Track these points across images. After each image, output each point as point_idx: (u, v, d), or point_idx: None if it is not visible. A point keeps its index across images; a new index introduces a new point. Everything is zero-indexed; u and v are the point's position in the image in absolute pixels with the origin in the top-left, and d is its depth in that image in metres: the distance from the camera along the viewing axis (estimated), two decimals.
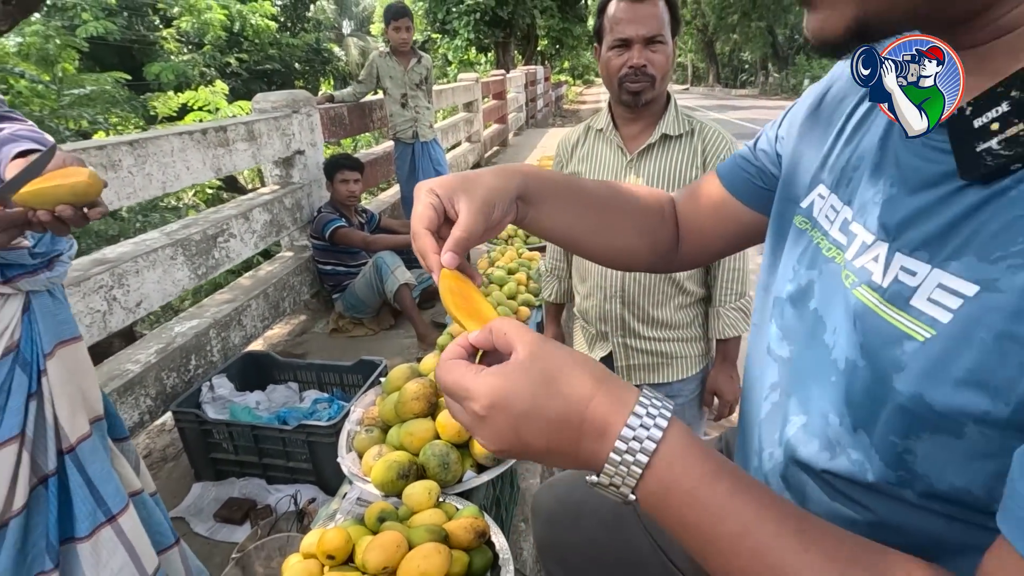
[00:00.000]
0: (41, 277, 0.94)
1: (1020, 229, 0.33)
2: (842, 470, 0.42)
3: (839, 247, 0.46)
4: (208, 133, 2.06)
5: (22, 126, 0.95)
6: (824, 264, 0.47)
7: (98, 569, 1.02)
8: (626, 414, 0.37)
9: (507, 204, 0.54)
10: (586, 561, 0.84)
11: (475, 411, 0.39)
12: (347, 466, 1.27)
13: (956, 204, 0.37)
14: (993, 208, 0.34)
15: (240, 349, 2.24)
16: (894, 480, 0.39)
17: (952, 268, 0.36)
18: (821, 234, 0.49)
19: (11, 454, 0.92)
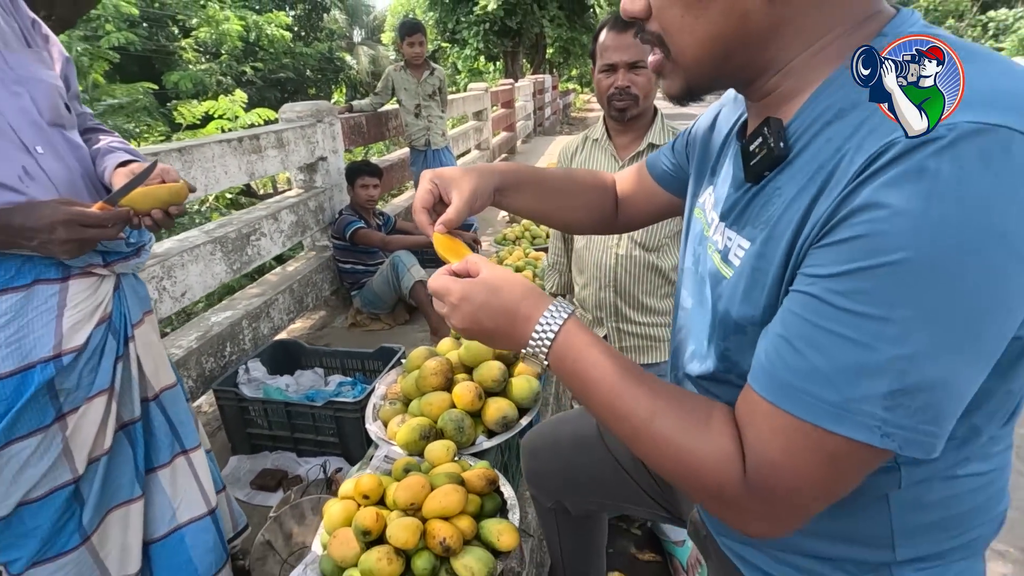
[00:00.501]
0: (131, 262, 1.15)
1: (764, 208, 0.54)
2: (704, 372, 0.63)
3: (708, 225, 0.66)
4: (244, 141, 2.26)
5: (111, 137, 1.16)
6: (705, 241, 0.67)
7: (174, 490, 1.23)
8: (543, 310, 0.59)
9: (487, 197, 0.77)
10: (564, 481, 1.05)
11: (451, 302, 0.62)
12: (374, 432, 1.45)
13: (745, 196, 0.58)
14: (757, 197, 0.56)
15: (269, 339, 2.44)
16: (723, 369, 0.60)
17: (743, 233, 0.57)
18: (703, 218, 0.69)
19: (102, 403, 1.12)
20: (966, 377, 0.44)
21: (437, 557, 1.04)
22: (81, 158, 1.07)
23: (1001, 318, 0.43)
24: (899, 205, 0.41)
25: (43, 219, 0.92)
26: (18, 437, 1.01)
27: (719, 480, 0.50)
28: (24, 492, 1.04)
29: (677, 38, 0.54)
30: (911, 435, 0.44)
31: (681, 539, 1.83)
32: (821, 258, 0.45)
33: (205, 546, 1.29)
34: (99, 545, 1.15)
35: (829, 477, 0.47)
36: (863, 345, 0.43)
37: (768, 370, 0.49)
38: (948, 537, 0.58)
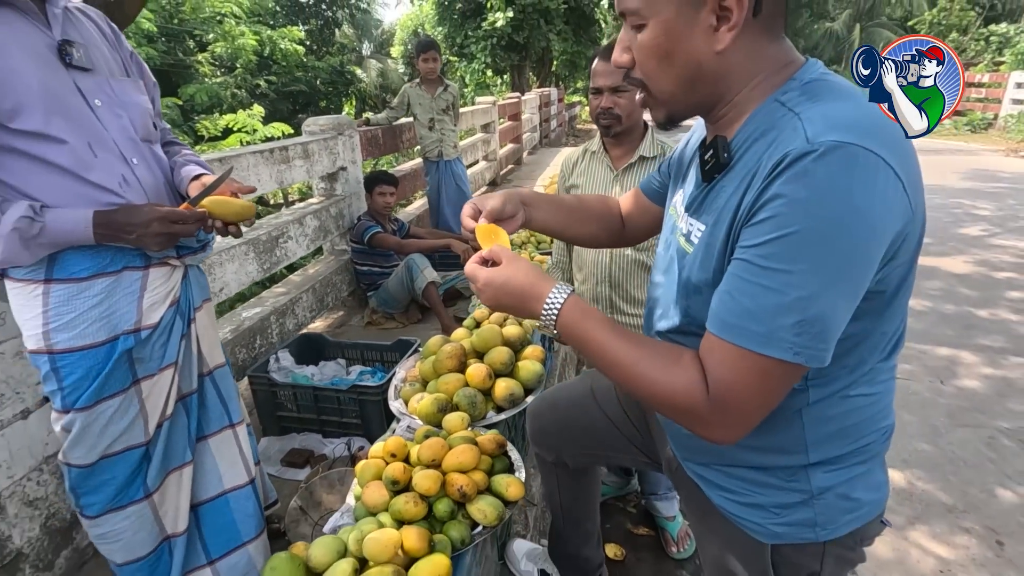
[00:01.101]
0: (198, 256, 1.35)
1: (714, 201, 0.74)
2: (671, 327, 0.83)
3: (678, 218, 0.86)
4: (274, 152, 2.48)
5: (185, 150, 1.38)
6: (674, 229, 0.87)
7: (219, 458, 1.42)
8: (548, 291, 0.79)
9: (515, 204, 0.98)
10: (562, 436, 1.25)
11: (479, 287, 0.82)
12: (397, 407, 1.65)
13: (702, 193, 0.78)
14: (710, 193, 0.75)
15: (293, 334, 2.64)
16: (686, 323, 0.80)
17: (700, 220, 0.76)
18: (675, 213, 0.88)
19: (169, 375, 1.32)
20: (843, 308, 0.64)
21: (455, 503, 1.22)
22: (164, 168, 1.28)
23: (861, 267, 0.63)
24: (792, 195, 0.61)
25: (141, 217, 1.13)
26: (105, 397, 1.21)
27: (690, 402, 0.69)
28: (107, 446, 1.23)
29: (654, 81, 0.74)
30: (812, 352, 0.64)
31: (672, 515, 2.01)
32: (748, 234, 0.65)
33: (246, 511, 1.47)
34: (159, 503, 1.34)
35: (764, 389, 0.67)
36: (776, 291, 0.63)
37: (717, 315, 0.68)
38: (846, 443, 0.77)
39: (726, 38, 0.67)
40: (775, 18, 0.70)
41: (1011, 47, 14.91)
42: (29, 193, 1.09)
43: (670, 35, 0.69)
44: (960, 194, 6.98)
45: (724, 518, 0.88)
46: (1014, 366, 3.01)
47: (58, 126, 1.07)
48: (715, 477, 0.87)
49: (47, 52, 1.07)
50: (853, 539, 0.82)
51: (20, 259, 1.10)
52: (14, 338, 1.41)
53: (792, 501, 0.80)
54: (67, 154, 1.09)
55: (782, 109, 0.68)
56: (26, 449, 1.44)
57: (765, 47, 0.70)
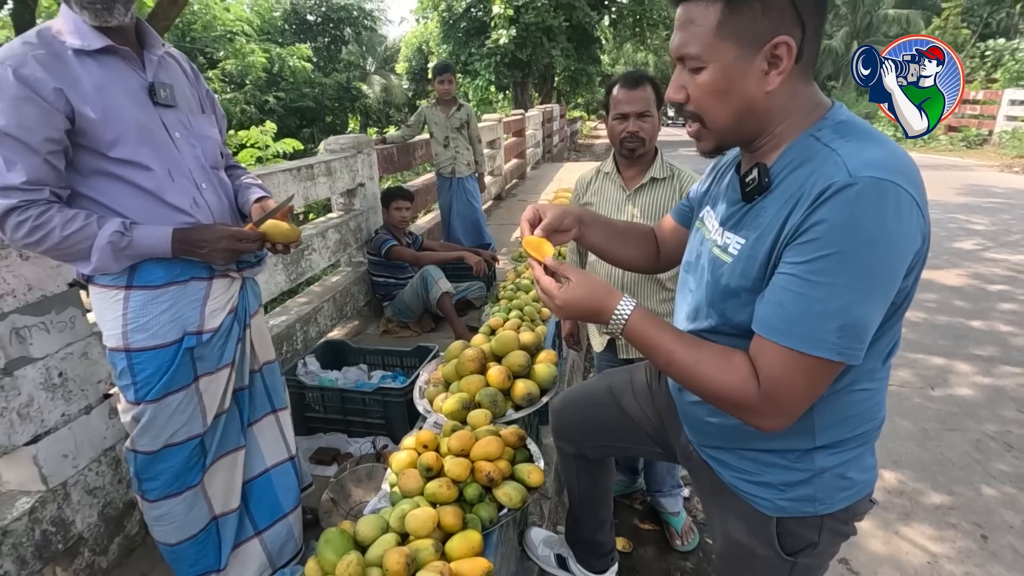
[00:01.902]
0: (255, 269, 1.51)
1: (755, 219, 0.86)
2: (707, 327, 0.96)
3: (708, 230, 0.99)
4: (302, 169, 2.65)
5: (246, 174, 1.55)
6: (703, 240, 1.00)
7: (262, 441, 1.59)
8: (617, 303, 0.92)
9: (572, 219, 1.12)
10: (584, 430, 1.39)
11: (555, 304, 0.94)
12: (423, 406, 1.78)
13: (740, 211, 0.90)
14: (750, 212, 0.88)
15: (315, 341, 2.79)
16: (721, 323, 0.93)
17: (739, 234, 0.89)
18: (703, 227, 1.02)
19: (226, 374, 1.47)
20: (876, 314, 0.77)
21: (483, 487, 1.36)
22: (227, 192, 1.45)
23: (891, 280, 0.76)
24: (836, 220, 0.73)
25: (213, 235, 1.29)
26: (172, 391, 1.36)
27: (743, 397, 0.81)
28: (170, 435, 1.38)
29: (710, 116, 0.85)
30: (851, 351, 0.76)
31: (676, 510, 2.13)
32: (794, 252, 0.77)
33: (286, 485, 1.64)
34: (207, 484, 1.48)
35: (810, 384, 0.79)
36: (822, 301, 0.74)
37: (768, 321, 0.79)
38: (846, 430, 0.91)
39: (775, 80, 0.80)
40: (810, 65, 0.83)
41: (1005, 65, 15.19)
42: (119, 211, 1.25)
43: (728, 77, 0.81)
44: (955, 209, 7.14)
45: (735, 495, 1.01)
46: (1003, 375, 3.14)
47: (145, 155, 1.24)
48: (729, 459, 1.01)
49: (141, 92, 1.24)
50: (847, 514, 0.95)
51: (109, 268, 1.26)
52: (81, 340, 1.56)
53: (797, 479, 0.93)
54: (151, 179, 1.26)
55: (818, 144, 0.80)
56: (88, 442, 1.59)
57: (802, 89, 0.83)
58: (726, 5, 0.78)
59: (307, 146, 15.62)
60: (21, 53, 1.11)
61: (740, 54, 0.79)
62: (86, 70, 1.18)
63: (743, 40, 0.79)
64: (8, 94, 1.10)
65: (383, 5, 28.07)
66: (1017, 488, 2.26)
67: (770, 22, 0.77)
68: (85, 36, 1.17)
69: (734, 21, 0.78)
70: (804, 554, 0.97)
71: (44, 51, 1.13)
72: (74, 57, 1.16)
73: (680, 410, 1.12)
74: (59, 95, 1.13)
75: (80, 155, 1.22)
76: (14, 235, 1.17)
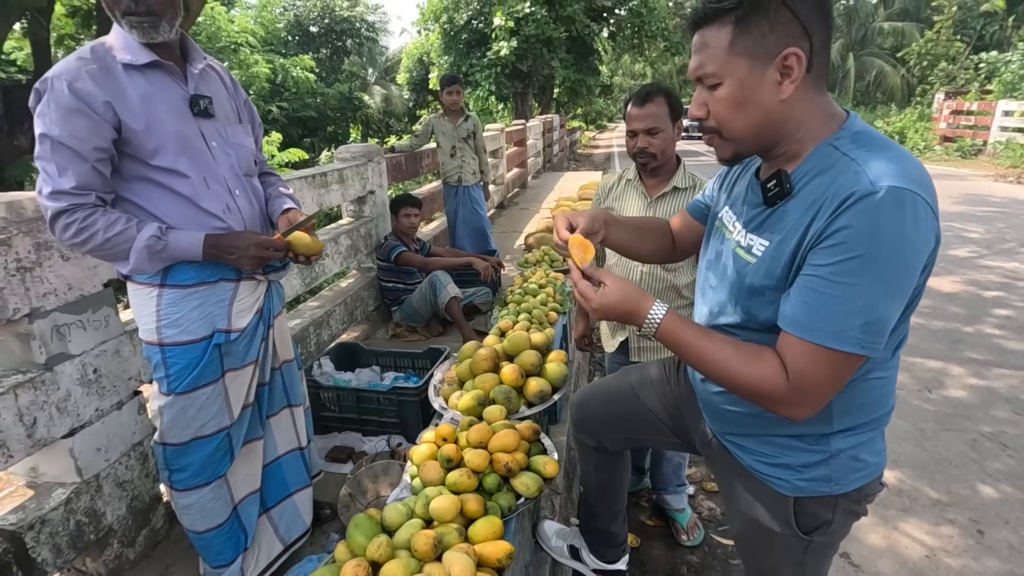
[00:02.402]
0: (280, 274, 1.59)
1: (778, 222, 0.92)
2: (732, 322, 1.02)
3: (729, 231, 1.06)
4: (316, 177, 2.74)
5: (278, 181, 1.63)
6: (724, 240, 1.07)
7: (277, 432, 1.69)
8: (651, 307, 0.98)
9: (600, 223, 1.19)
10: (604, 423, 1.46)
11: (592, 307, 1.01)
12: (439, 403, 1.85)
13: (763, 214, 0.97)
14: (772, 215, 0.95)
15: (327, 344, 2.86)
16: (746, 319, 0.99)
17: (762, 236, 0.95)
18: (723, 227, 1.09)
19: (250, 371, 1.54)
20: (895, 311, 0.84)
21: (501, 477, 1.43)
22: (259, 198, 1.53)
23: (909, 280, 0.82)
24: (858, 226, 0.79)
25: (243, 241, 1.37)
26: (201, 385, 1.43)
27: (773, 389, 0.88)
28: (199, 427, 1.45)
29: (729, 127, 0.92)
30: (874, 345, 0.82)
31: (681, 507, 2.20)
32: (819, 255, 0.83)
33: (293, 470, 1.75)
34: (230, 472, 1.55)
35: (835, 376, 0.85)
36: (847, 300, 0.80)
37: (796, 319, 0.85)
38: (860, 415, 0.98)
39: (789, 89, 0.86)
40: (821, 75, 0.89)
41: (999, 76, 15.42)
42: (157, 215, 1.33)
43: (744, 89, 0.88)
44: (951, 217, 7.26)
45: (755, 478, 1.08)
46: (997, 377, 3.22)
47: (184, 163, 1.32)
48: (751, 444, 1.08)
49: (182, 103, 1.33)
50: (859, 494, 1.02)
51: (145, 268, 1.33)
52: (115, 338, 1.63)
53: (814, 460, 1.00)
54: (188, 185, 1.34)
55: (837, 153, 0.85)
56: (119, 436, 1.65)
57: (815, 97, 0.89)
58: (735, 26, 0.86)
59: (309, 155, 15.79)
60: (75, 68, 1.20)
61: (753, 67, 0.86)
62: (132, 83, 1.26)
63: (755, 54, 0.86)
64: (62, 106, 1.18)
65: (384, 17, 28.37)
66: (1013, 486, 2.33)
67: (778, 36, 0.84)
68: (134, 51, 1.26)
69: (744, 39, 0.86)
70: (819, 532, 1.04)
71: (96, 66, 1.22)
72: (123, 71, 1.25)
73: (702, 399, 1.19)
74: (108, 107, 1.22)
75: (124, 162, 1.30)
76: (62, 235, 1.25)
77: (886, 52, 24.60)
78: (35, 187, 1.27)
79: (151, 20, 1.24)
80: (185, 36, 1.38)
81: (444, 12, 13.71)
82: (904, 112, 17.52)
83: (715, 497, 2.39)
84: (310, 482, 1.81)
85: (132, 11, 1.22)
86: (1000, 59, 16.14)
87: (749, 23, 0.85)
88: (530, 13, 12.35)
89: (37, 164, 1.22)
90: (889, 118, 17.19)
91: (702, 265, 1.16)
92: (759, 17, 0.84)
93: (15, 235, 1.36)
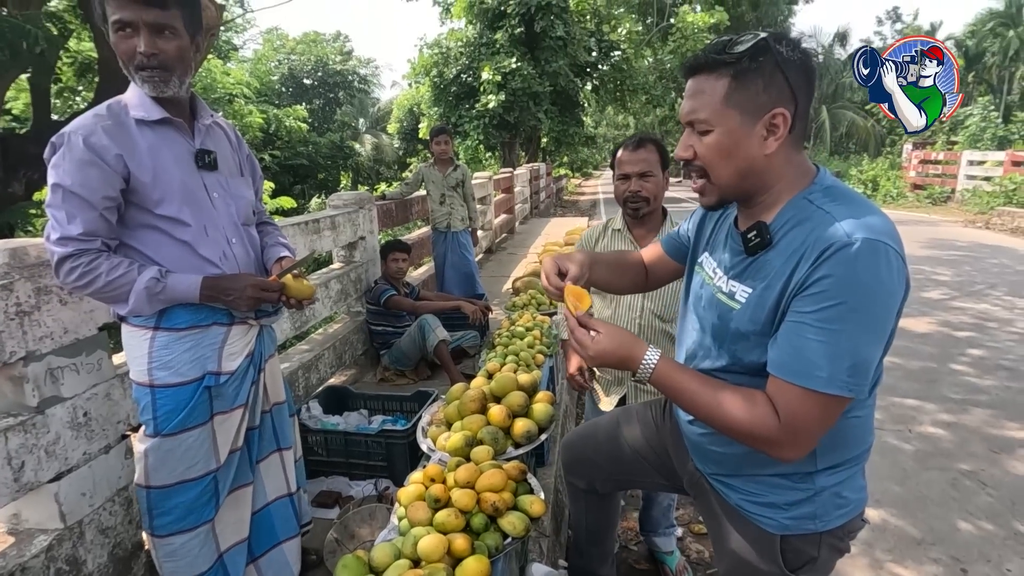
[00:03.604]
0: (272, 318, 1.64)
1: (760, 270, 0.98)
2: (718, 367, 1.06)
3: (710, 277, 1.12)
4: (308, 224, 2.82)
5: (275, 230, 1.70)
6: (704, 285, 1.13)
7: (266, 477, 1.69)
8: (644, 353, 1.02)
9: (586, 267, 1.21)
10: (594, 465, 1.49)
11: (588, 354, 1.05)
12: (427, 445, 1.87)
13: (744, 263, 1.02)
14: (753, 264, 1.01)
15: (316, 387, 2.87)
16: (732, 363, 1.04)
17: (745, 284, 1.01)
18: (703, 273, 1.15)
19: (239, 414, 1.57)
20: (877, 354, 0.88)
21: (488, 517, 1.45)
22: (255, 246, 1.60)
23: (887, 323, 0.87)
24: (838, 275, 0.84)
25: (240, 282, 1.43)
26: (188, 427, 1.45)
27: (766, 432, 0.91)
28: (184, 469, 1.46)
29: (715, 172, 0.97)
30: (860, 387, 0.86)
31: (670, 549, 2.20)
32: (803, 303, 0.87)
33: (283, 517, 1.73)
34: (217, 520, 1.55)
35: (825, 418, 0.89)
36: (833, 344, 0.85)
37: (785, 364, 0.89)
38: (842, 453, 1.03)
39: (773, 145, 0.93)
40: (800, 135, 0.97)
41: (964, 128, 16.25)
42: (157, 260, 1.39)
43: (733, 139, 0.93)
44: (923, 261, 7.51)
45: (742, 516, 1.11)
46: (973, 415, 3.30)
47: (186, 213, 1.39)
48: (738, 483, 1.11)
49: (188, 157, 1.41)
50: (842, 531, 1.06)
51: (143, 310, 1.38)
52: (106, 381, 1.65)
53: (799, 498, 1.03)
54: (189, 233, 1.41)
55: (812, 206, 0.92)
56: (105, 481, 1.65)
57: (794, 155, 0.97)
58: (733, 79, 0.91)
59: (299, 202, 16.00)
60: (92, 124, 1.28)
61: (744, 121, 0.92)
62: (143, 136, 1.35)
63: (747, 109, 0.92)
64: (76, 158, 1.26)
65: (377, 71, 29.32)
66: (993, 524, 2.37)
67: (770, 96, 0.91)
68: (147, 108, 1.35)
69: (740, 93, 0.91)
70: (805, 569, 1.07)
71: (111, 121, 1.30)
72: (135, 126, 1.34)
73: (689, 440, 1.23)
74: (119, 160, 1.29)
75: (130, 210, 1.37)
76: (66, 279, 1.30)
77: (856, 105, 25.90)
78: (27, 233, 1.33)
79: (162, 75, 1.33)
80: (195, 95, 1.47)
81: (434, 66, 14.28)
82: (876, 161, 18.28)
83: (704, 539, 2.39)
84: (299, 531, 1.79)
85: (144, 66, 1.32)
86: (962, 113, 17.07)
87: (746, 79, 0.91)
88: (516, 68, 12.91)
89: (47, 211, 1.28)
90: (862, 167, 17.90)
91: (683, 309, 1.22)
92: (756, 76, 0.91)
93: (17, 280, 1.40)
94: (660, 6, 19.67)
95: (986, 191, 12.54)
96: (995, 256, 7.88)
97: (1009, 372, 3.92)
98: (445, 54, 14.20)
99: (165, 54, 1.31)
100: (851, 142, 25.43)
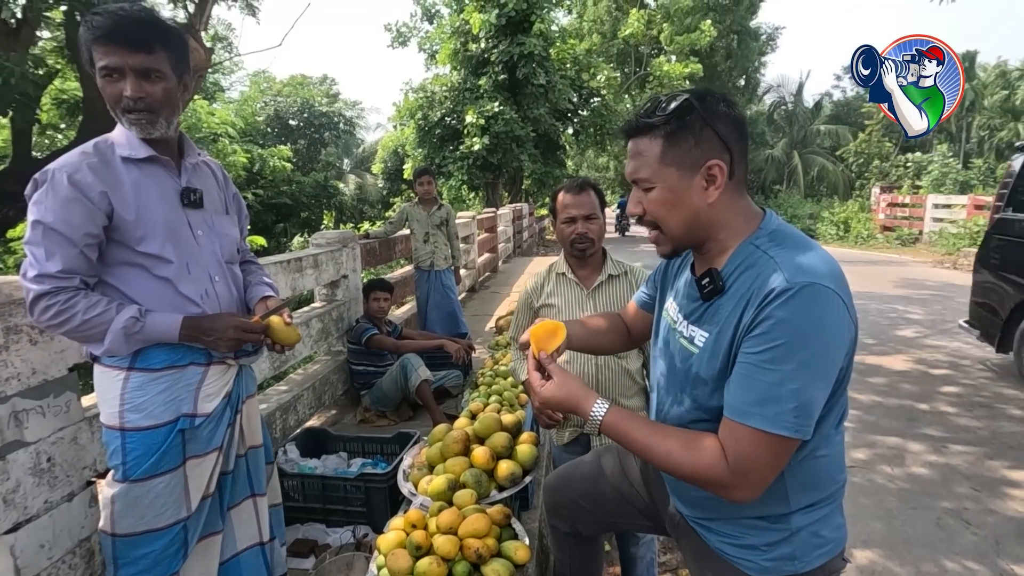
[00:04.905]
0: (251, 358, 1.60)
1: (715, 315, 1.02)
2: (681, 412, 1.08)
3: (674, 321, 1.15)
4: (291, 262, 2.80)
5: (259, 269, 1.69)
6: (670, 330, 1.16)
7: (237, 524, 1.61)
8: (593, 403, 1.05)
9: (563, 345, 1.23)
10: (577, 507, 1.46)
11: (536, 400, 1.09)
12: (408, 489, 1.82)
13: (700, 307, 1.06)
14: (709, 309, 1.04)
15: (294, 429, 2.79)
16: (695, 407, 1.05)
17: (702, 328, 1.04)
18: (669, 317, 1.18)
19: (214, 458, 1.51)
20: (822, 395, 0.92)
21: (472, 564, 1.40)
22: (237, 284, 1.58)
23: (830, 365, 0.91)
24: (780, 318, 0.88)
25: (222, 323, 1.40)
26: (159, 473, 1.39)
27: (715, 474, 0.93)
28: (152, 517, 1.39)
29: (665, 224, 1.03)
30: (804, 428, 0.89)
31: None
32: (750, 344, 0.91)
33: (253, 568, 1.64)
34: (183, 570, 1.47)
35: (772, 458, 0.91)
36: (777, 384, 0.88)
37: (733, 405, 0.93)
38: (815, 492, 1.03)
39: (714, 194, 0.98)
40: (741, 180, 1.02)
41: (928, 173, 17.00)
42: (136, 299, 1.36)
43: (675, 193, 1.00)
44: (894, 300, 7.70)
45: (722, 559, 1.10)
46: (954, 453, 3.32)
47: (169, 250, 1.38)
48: (717, 526, 1.11)
49: (173, 195, 1.41)
50: (823, 572, 1.05)
51: (119, 350, 1.34)
52: (73, 424, 1.59)
53: (776, 539, 1.03)
54: (170, 270, 1.39)
55: (758, 252, 0.96)
56: (66, 531, 1.56)
57: (737, 201, 1.02)
58: (665, 140, 0.98)
59: (280, 240, 15.93)
60: (77, 161, 1.28)
61: (682, 175, 0.99)
62: (128, 173, 1.34)
63: (683, 165, 0.98)
64: (60, 195, 1.24)
65: (362, 112, 29.85)
66: (978, 563, 2.35)
67: (702, 150, 0.97)
68: (134, 147, 1.35)
69: (673, 151, 0.98)
70: None
71: (97, 159, 1.30)
72: (121, 164, 1.34)
73: (668, 482, 1.23)
74: (103, 197, 1.29)
75: (111, 248, 1.35)
76: (41, 316, 1.27)
77: (825, 151, 26.97)
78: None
79: (149, 117, 1.34)
80: (183, 134, 1.48)
81: (419, 109, 14.58)
82: (847, 204, 18.93)
83: None
84: None
85: (131, 109, 1.32)
86: (924, 159, 17.90)
87: (677, 138, 0.98)
88: (500, 112, 13.26)
89: (25, 248, 1.25)
90: (834, 209, 18.50)
91: (654, 354, 1.24)
92: (686, 133, 0.97)
93: None
94: (638, 56, 20.55)
95: (952, 233, 13.02)
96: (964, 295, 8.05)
97: (986, 409, 3.98)
98: (430, 98, 14.54)
99: (152, 97, 1.33)
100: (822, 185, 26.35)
